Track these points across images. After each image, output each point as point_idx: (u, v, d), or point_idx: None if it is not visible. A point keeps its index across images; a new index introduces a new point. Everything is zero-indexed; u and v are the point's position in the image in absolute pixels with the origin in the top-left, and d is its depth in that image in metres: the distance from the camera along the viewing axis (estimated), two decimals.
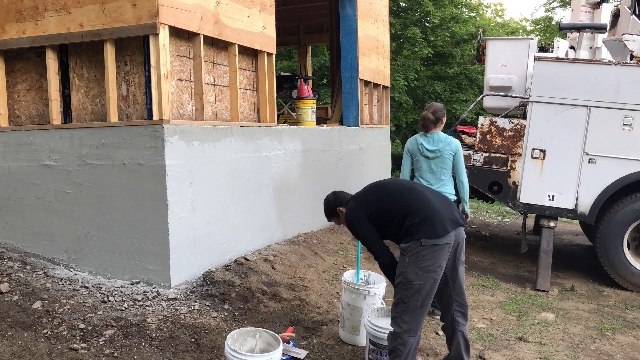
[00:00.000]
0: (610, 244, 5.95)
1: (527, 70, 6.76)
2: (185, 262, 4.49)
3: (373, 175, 8.89)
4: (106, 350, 3.49)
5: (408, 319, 3.14)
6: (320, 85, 17.02)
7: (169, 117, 4.27)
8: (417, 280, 3.11)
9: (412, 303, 3.13)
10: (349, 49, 7.93)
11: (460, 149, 4.60)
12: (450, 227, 3.17)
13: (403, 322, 3.15)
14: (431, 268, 3.11)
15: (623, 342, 4.51)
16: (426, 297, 3.14)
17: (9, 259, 4.75)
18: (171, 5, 4.24)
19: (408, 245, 3.16)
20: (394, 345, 3.18)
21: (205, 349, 3.63)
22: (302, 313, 4.41)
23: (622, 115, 5.69)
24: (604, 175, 5.80)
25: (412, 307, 3.14)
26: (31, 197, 4.82)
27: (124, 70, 4.47)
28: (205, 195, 4.70)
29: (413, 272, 3.12)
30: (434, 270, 3.12)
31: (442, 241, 3.12)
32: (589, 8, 7.51)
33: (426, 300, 3.15)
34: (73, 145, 4.58)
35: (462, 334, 3.46)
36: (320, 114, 9.09)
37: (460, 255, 3.32)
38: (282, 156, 5.94)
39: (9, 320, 3.74)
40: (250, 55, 5.46)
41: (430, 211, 3.19)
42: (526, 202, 6.11)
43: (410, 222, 3.17)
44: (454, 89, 18.62)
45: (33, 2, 4.58)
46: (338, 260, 5.89)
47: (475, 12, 21.92)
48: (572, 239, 8.62)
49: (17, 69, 4.96)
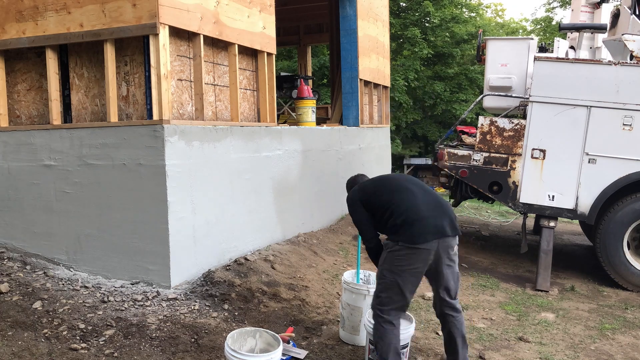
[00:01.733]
0: (610, 244, 5.94)
1: (527, 70, 6.76)
2: (185, 262, 4.49)
3: (373, 175, 8.89)
4: (106, 350, 3.49)
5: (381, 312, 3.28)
6: (320, 85, 17.02)
7: (169, 117, 4.27)
8: (390, 277, 3.25)
9: (384, 298, 3.28)
10: (349, 49, 7.93)
11: None
12: (432, 236, 3.18)
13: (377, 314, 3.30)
14: (404, 269, 3.20)
15: (623, 342, 4.51)
16: (399, 295, 3.25)
17: (9, 259, 4.74)
18: (171, 5, 4.24)
19: (387, 242, 3.31)
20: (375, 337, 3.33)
21: (205, 349, 3.63)
22: (302, 313, 4.41)
23: (622, 115, 5.69)
24: (604, 175, 5.80)
25: (385, 302, 3.27)
26: (31, 197, 4.82)
27: (124, 70, 4.47)
28: (205, 195, 4.70)
29: (388, 269, 3.26)
30: (408, 270, 3.21)
31: (419, 247, 3.17)
32: (589, 8, 7.51)
33: (399, 297, 3.26)
34: (73, 145, 4.58)
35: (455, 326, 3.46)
36: (320, 114, 9.09)
37: (444, 261, 3.29)
38: (282, 156, 5.94)
39: (9, 320, 3.74)
40: (250, 55, 5.46)
41: (413, 217, 3.23)
42: (526, 202, 6.11)
43: (392, 222, 3.28)
44: (454, 89, 18.64)
45: (33, 2, 4.57)
46: (338, 260, 5.89)
47: (475, 12, 21.94)
48: (572, 239, 8.62)
49: (17, 69, 4.96)
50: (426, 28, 18.63)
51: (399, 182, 3.52)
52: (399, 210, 3.28)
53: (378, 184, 3.59)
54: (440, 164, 6.56)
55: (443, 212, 3.32)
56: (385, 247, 3.32)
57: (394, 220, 3.26)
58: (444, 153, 6.52)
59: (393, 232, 3.27)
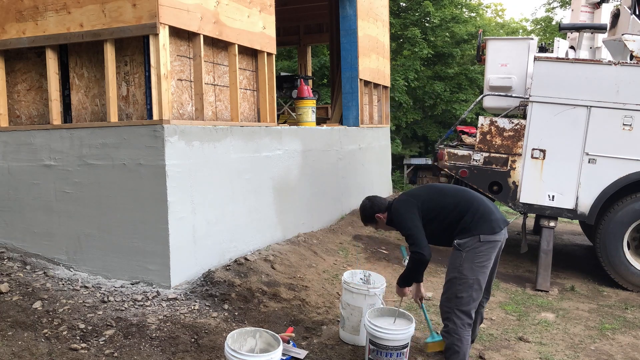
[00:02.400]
0: (610, 244, 5.94)
1: (527, 70, 6.76)
2: (185, 262, 4.49)
3: (373, 175, 8.91)
4: (106, 350, 3.49)
5: (461, 314, 3.33)
6: (320, 85, 17.01)
7: (169, 117, 4.27)
8: (471, 276, 3.30)
9: (465, 298, 3.32)
10: (349, 49, 7.93)
11: None
12: (503, 224, 3.41)
13: (457, 317, 3.33)
14: (485, 264, 3.34)
15: (623, 342, 4.51)
16: (478, 291, 3.34)
17: (9, 259, 4.74)
18: (171, 5, 4.24)
19: (466, 241, 3.33)
20: (450, 341, 3.34)
21: (205, 349, 3.63)
22: (302, 313, 4.41)
23: (622, 115, 5.69)
24: (604, 175, 5.80)
25: (466, 302, 3.33)
26: (31, 197, 4.82)
27: (124, 70, 4.47)
28: (205, 195, 4.70)
29: (469, 268, 3.31)
30: (487, 266, 3.37)
31: (497, 237, 3.35)
32: (589, 8, 7.51)
33: (478, 294, 3.35)
34: (73, 145, 4.58)
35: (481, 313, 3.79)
36: (320, 114, 9.09)
37: (501, 252, 3.54)
38: (282, 156, 5.94)
39: (9, 320, 3.74)
40: (250, 55, 5.46)
41: (487, 209, 3.41)
42: (526, 202, 6.10)
43: (470, 217, 3.37)
44: (454, 89, 18.62)
45: (33, 2, 4.58)
46: (338, 260, 5.89)
47: (475, 12, 21.91)
48: (572, 239, 8.62)
49: (17, 69, 4.96)
50: (426, 28, 18.61)
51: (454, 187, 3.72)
52: (474, 205, 3.42)
53: (430, 190, 3.65)
54: (440, 164, 6.56)
55: (495, 206, 3.56)
56: (460, 248, 3.35)
57: (470, 216, 3.36)
58: (444, 153, 6.52)
59: (470, 228, 3.34)
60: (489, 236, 3.33)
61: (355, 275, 4.21)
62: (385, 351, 3.50)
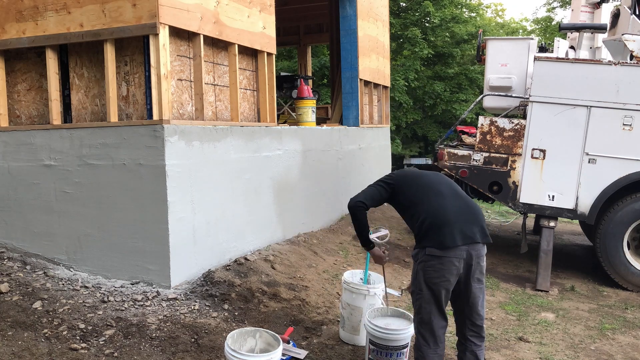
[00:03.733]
0: (610, 244, 5.95)
1: (527, 70, 6.77)
2: (185, 262, 4.49)
3: (373, 175, 8.89)
4: (106, 350, 3.49)
5: (423, 330, 3.06)
6: (320, 85, 17.03)
7: (169, 117, 4.27)
8: (425, 290, 3.02)
9: (424, 314, 3.05)
10: (349, 49, 7.93)
11: None
12: (461, 241, 2.95)
13: (419, 332, 3.09)
14: (437, 281, 2.97)
15: (623, 342, 4.51)
16: (437, 308, 3.02)
17: (9, 259, 4.74)
18: (171, 5, 4.24)
19: (416, 253, 3.09)
20: (415, 357, 3.14)
21: (205, 349, 3.63)
22: (302, 313, 4.41)
23: (622, 115, 5.69)
24: (604, 175, 5.80)
25: (426, 319, 3.04)
26: (31, 197, 4.82)
27: (124, 70, 4.47)
28: (205, 195, 4.70)
29: (421, 282, 3.03)
30: (440, 283, 2.98)
31: (447, 254, 2.93)
32: (589, 8, 7.52)
33: (437, 312, 3.02)
34: (73, 145, 4.58)
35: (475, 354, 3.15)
36: (320, 114, 9.09)
37: (474, 273, 3.04)
38: (282, 156, 5.94)
39: (9, 320, 3.74)
40: (250, 55, 5.46)
41: (441, 219, 3.00)
42: (526, 202, 6.11)
43: (419, 222, 3.07)
44: (454, 89, 18.64)
45: (33, 2, 4.57)
46: (338, 260, 5.89)
47: (475, 12, 21.94)
48: (572, 239, 8.62)
49: (17, 69, 4.96)
50: (426, 28, 18.63)
51: (430, 182, 3.26)
52: (427, 210, 3.07)
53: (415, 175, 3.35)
54: (440, 164, 6.56)
55: (473, 217, 3.09)
56: (414, 259, 3.11)
57: (418, 221, 3.06)
58: (444, 153, 6.53)
59: (420, 237, 3.05)
60: (436, 250, 2.93)
61: (355, 275, 4.21)
62: (385, 351, 3.50)
